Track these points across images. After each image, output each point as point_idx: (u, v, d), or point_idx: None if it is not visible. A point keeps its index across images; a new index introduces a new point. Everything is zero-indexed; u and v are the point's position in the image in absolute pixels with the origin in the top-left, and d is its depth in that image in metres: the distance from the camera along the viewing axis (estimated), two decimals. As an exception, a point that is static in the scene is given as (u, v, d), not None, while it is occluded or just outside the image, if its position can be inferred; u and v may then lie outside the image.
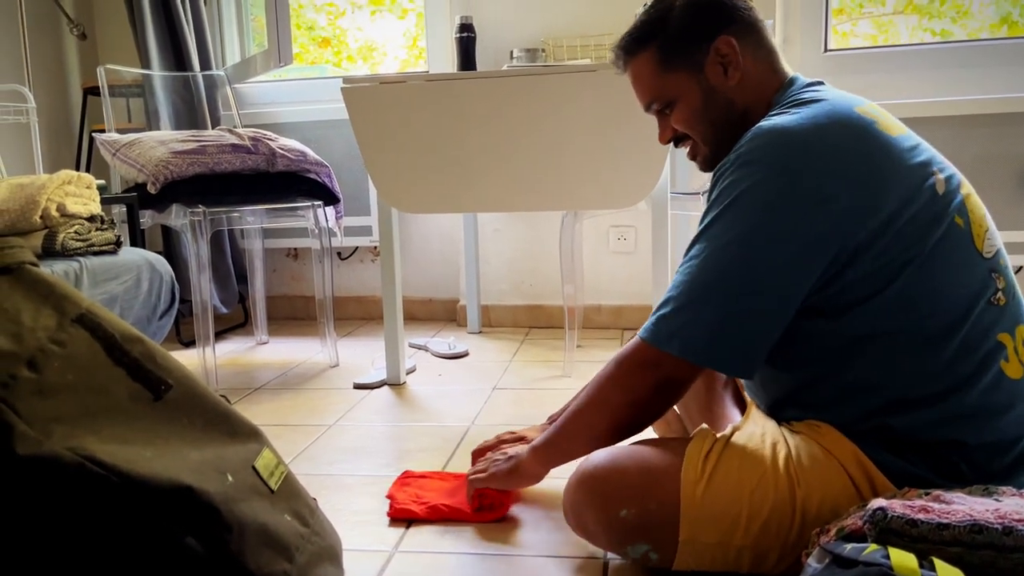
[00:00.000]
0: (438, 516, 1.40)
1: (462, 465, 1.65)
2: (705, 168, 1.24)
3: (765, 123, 1.06)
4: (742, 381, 1.39)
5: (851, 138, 1.03)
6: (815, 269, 1.02)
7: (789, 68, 1.20)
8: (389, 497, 1.47)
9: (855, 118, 1.05)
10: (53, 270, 1.75)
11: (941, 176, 1.06)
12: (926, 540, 0.78)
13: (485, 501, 1.38)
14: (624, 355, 1.11)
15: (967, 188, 1.10)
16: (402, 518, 1.41)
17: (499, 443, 1.48)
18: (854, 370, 1.05)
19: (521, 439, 1.46)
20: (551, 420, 1.49)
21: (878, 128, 1.05)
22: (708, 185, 2.52)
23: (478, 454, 1.50)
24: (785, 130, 1.03)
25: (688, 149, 1.24)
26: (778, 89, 1.16)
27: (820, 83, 1.16)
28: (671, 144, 1.25)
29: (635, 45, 1.19)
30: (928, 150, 1.09)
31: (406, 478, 1.55)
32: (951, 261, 1.02)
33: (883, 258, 1.01)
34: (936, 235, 1.02)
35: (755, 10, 1.18)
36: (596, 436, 1.16)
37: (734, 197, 1.04)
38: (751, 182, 1.03)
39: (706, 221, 1.07)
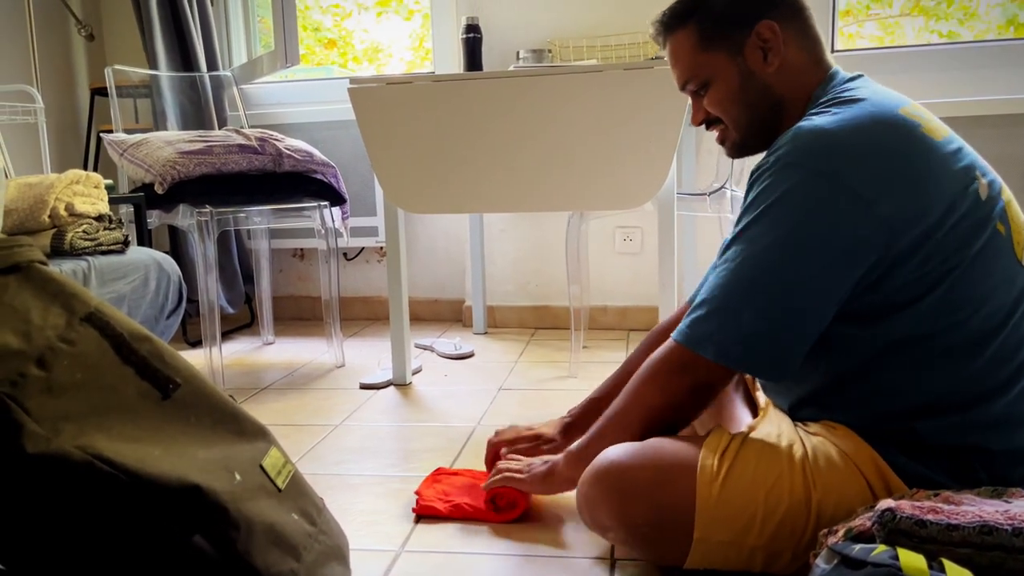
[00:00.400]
0: (460, 515, 1.40)
1: (469, 464, 1.65)
2: (732, 154, 1.22)
3: (806, 123, 1.04)
4: (756, 381, 1.38)
5: (895, 141, 1.00)
6: (854, 275, 1.00)
7: (832, 60, 1.17)
8: (417, 494, 1.47)
9: (899, 120, 1.02)
10: (62, 269, 1.75)
11: (984, 181, 1.04)
12: (935, 541, 0.78)
13: (501, 501, 1.37)
14: (659, 359, 1.11)
15: (1008, 194, 1.07)
16: (426, 515, 1.41)
17: (517, 437, 1.46)
18: (884, 374, 1.04)
19: (538, 436, 1.45)
20: (571, 415, 1.48)
21: (923, 131, 1.03)
22: (715, 186, 2.52)
23: (498, 446, 1.48)
24: (826, 132, 1.01)
25: (718, 133, 1.21)
26: (819, 84, 1.13)
27: (860, 76, 1.13)
28: (702, 126, 1.22)
29: (675, 21, 1.17)
30: (971, 154, 1.06)
31: (437, 475, 1.55)
32: (992, 269, 1.00)
33: (925, 266, 0.99)
34: (979, 243, 1.00)
35: None
36: (633, 439, 1.16)
37: (773, 200, 1.02)
38: (790, 184, 1.01)
39: (743, 223, 1.06)
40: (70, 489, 0.81)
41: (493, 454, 1.49)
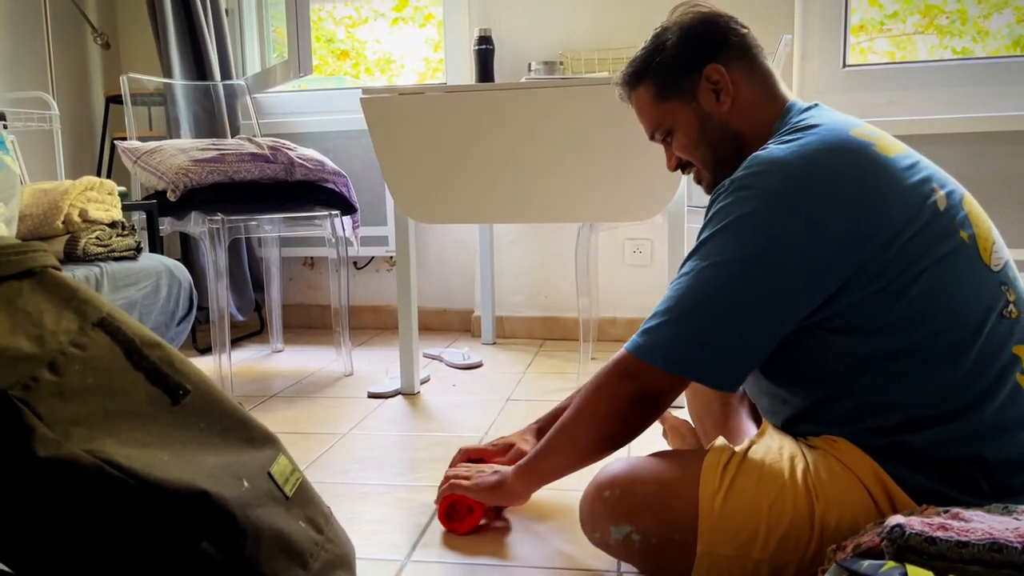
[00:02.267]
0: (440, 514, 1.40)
1: (475, 476, 1.65)
2: (710, 193, 1.27)
3: (761, 153, 1.08)
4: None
5: (846, 163, 1.04)
6: (811, 293, 1.02)
7: (788, 92, 1.22)
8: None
9: (850, 142, 1.06)
10: (75, 274, 1.76)
11: (942, 192, 1.06)
12: (944, 558, 0.78)
13: (459, 508, 1.37)
14: (607, 367, 1.13)
15: (970, 202, 1.10)
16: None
17: (487, 449, 1.49)
18: (868, 389, 1.05)
19: (510, 446, 1.47)
20: (538, 422, 1.51)
21: (875, 150, 1.06)
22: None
23: (467, 454, 1.50)
24: (780, 160, 1.05)
25: (693, 175, 1.29)
26: (777, 117, 1.18)
27: (815, 106, 1.18)
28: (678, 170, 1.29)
29: (633, 79, 1.26)
30: (928, 167, 1.09)
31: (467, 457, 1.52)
32: (959, 276, 1.02)
33: (887, 276, 1.01)
34: (942, 251, 1.02)
35: (750, 35, 1.21)
36: (579, 450, 1.18)
37: (730, 220, 1.06)
38: (747, 206, 1.05)
39: (700, 239, 1.10)
40: (79, 493, 0.81)
41: (460, 460, 1.50)
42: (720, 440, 1.16)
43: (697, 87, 1.19)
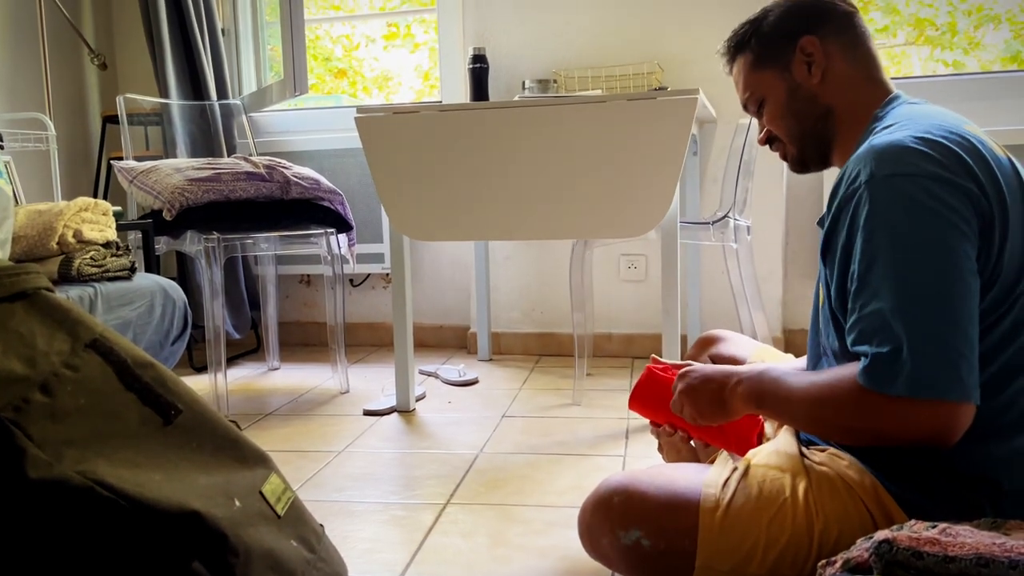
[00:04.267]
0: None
1: (468, 495, 1.65)
2: (794, 168, 1.26)
3: (879, 141, 1.03)
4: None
5: (968, 146, 1.01)
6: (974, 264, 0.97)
7: (893, 86, 1.20)
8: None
9: (967, 133, 1.04)
10: (68, 295, 1.77)
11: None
12: (932, 573, 0.78)
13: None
14: (852, 403, 0.99)
15: None
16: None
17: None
18: None
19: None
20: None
21: (989, 145, 1.05)
22: (719, 214, 2.52)
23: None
24: (904, 144, 1.00)
25: (779, 151, 1.27)
26: (878, 103, 1.17)
27: (923, 102, 1.16)
28: (770, 145, 1.26)
29: (735, 48, 1.26)
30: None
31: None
32: None
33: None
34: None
35: (856, 15, 1.20)
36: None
37: (888, 218, 0.98)
38: (896, 197, 0.98)
39: (865, 256, 0.99)
40: (71, 514, 0.82)
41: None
42: (723, 454, 1.16)
43: (792, 58, 1.19)
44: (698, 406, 1.15)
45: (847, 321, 1.02)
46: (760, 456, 1.14)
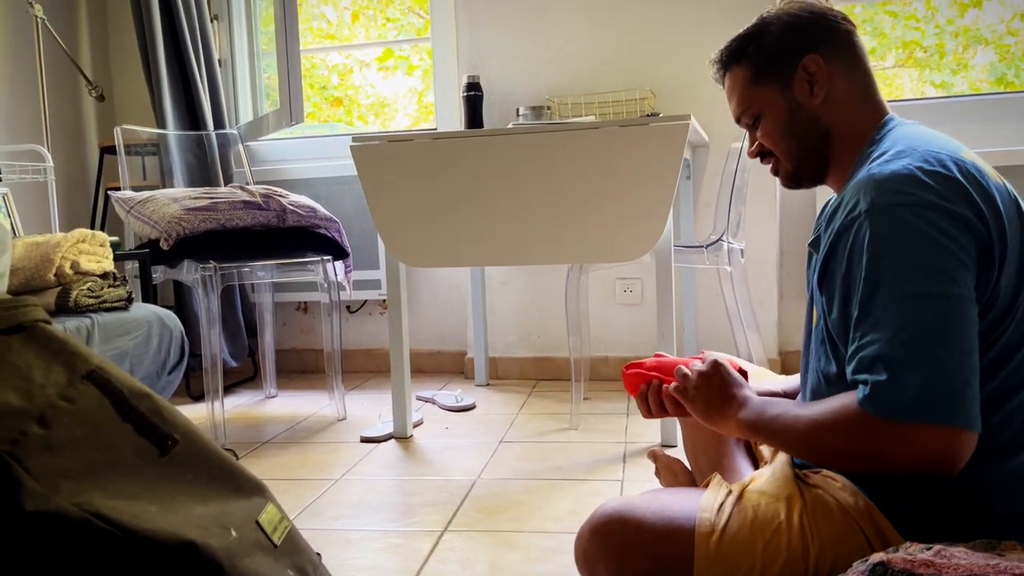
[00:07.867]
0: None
1: (466, 522, 1.64)
2: (786, 184, 1.25)
3: (878, 170, 1.03)
4: None
5: (963, 173, 1.01)
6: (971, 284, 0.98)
7: (887, 106, 1.20)
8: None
9: (963, 159, 1.04)
10: (65, 326, 1.77)
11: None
12: (926, 595, 0.78)
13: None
14: (856, 429, 0.99)
15: None
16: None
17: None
18: None
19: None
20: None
21: (984, 172, 1.04)
22: (712, 238, 2.54)
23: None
24: (902, 173, 1.01)
25: (771, 165, 1.25)
26: (874, 127, 1.16)
27: (915, 123, 1.16)
28: (759, 157, 1.26)
29: (731, 58, 1.23)
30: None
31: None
32: None
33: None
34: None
35: (855, 34, 1.19)
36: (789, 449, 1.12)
37: (887, 245, 0.98)
38: (895, 224, 0.98)
39: (868, 284, 0.99)
40: (67, 546, 0.82)
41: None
42: (716, 478, 1.16)
43: (793, 75, 1.17)
44: (702, 399, 1.16)
45: (848, 349, 1.02)
46: (755, 480, 1.15)
